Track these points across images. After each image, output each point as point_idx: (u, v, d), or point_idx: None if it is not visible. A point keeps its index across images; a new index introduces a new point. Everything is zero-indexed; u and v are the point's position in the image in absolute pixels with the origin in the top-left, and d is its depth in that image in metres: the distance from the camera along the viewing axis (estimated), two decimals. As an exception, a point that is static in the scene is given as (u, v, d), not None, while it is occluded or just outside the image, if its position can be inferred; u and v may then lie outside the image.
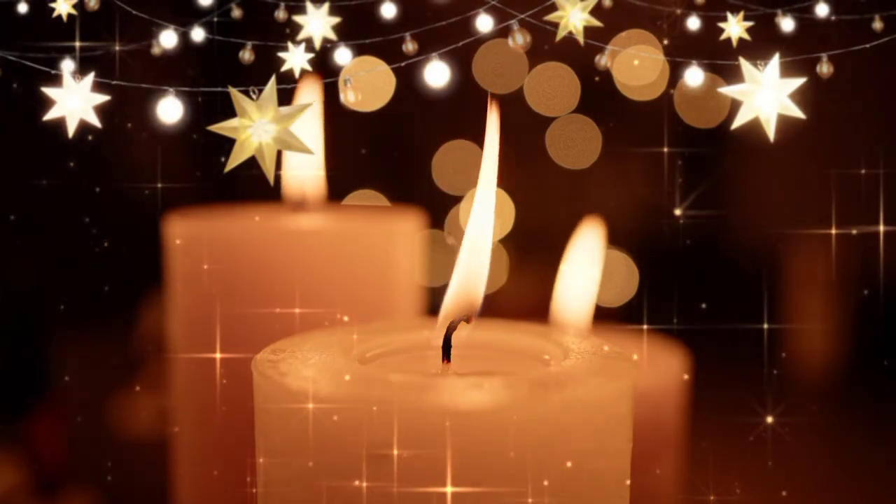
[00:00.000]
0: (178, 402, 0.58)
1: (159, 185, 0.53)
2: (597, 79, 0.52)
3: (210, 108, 0.46)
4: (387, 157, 1.08)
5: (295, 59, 0.47)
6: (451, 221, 1.02)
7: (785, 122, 0.46)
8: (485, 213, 0.40)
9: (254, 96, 0.43)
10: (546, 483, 0.34)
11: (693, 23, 0.50)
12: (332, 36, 0.49)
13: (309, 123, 0.59)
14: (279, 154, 0.43)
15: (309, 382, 0.34)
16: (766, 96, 0.45)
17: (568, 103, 1.03)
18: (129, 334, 0.91)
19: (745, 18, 0.48)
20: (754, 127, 0.46)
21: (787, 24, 0.49)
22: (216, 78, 0.46)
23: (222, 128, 0.43)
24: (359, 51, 0.50)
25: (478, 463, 0.33)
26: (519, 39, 0.45)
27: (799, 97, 0.45)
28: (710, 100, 0.50)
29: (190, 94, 0.47)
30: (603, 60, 0.45)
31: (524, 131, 1.12)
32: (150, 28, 0.49)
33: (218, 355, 0.54)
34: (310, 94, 0.56)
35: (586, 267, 0.55)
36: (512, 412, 0.33)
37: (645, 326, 0.60)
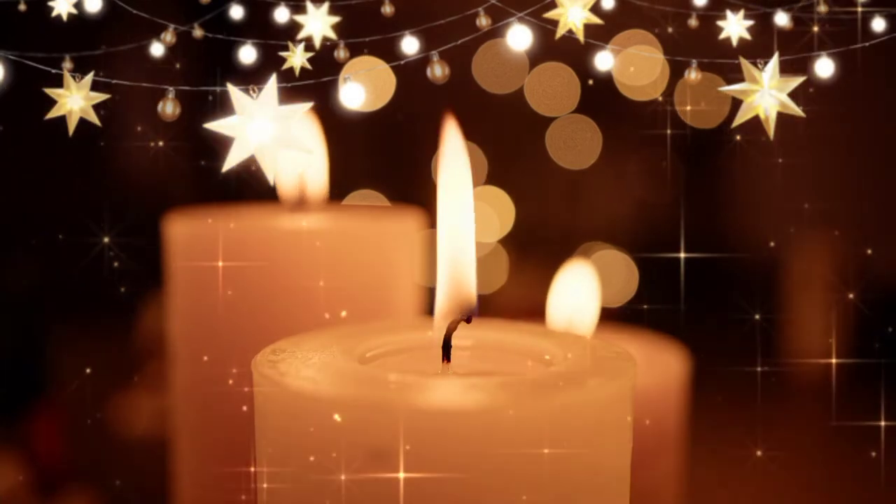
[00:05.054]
0: (178, 401, 0.58)
1: (163, 186, 0.53)
2: (591, 82, 0.51)
3: (210, 107, 0.46)
4: (387, 157, 1.08)
5: (295, 58, 0.47)
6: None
7: (785, 122, 0.46)
8: (462, 213, 0.40)
9: (253, 95, 0.43)
10: (545, 483, 0.34)
11: (693, 22, 0.49)
12: (331, 35, 0.49)
13: (307, 126, 0.59)
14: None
15: (309, 382, 0.34)
16: (766, 95, 0.45)
17: (568, 103, 1.03)
18: (129, 334, 0.91)
19: (745, 17, 0.48)
20: (754, 126, 0.46)
21: (786, 22, 0.49)
22: (216, 77, 0.46)
23: (221, 126, 0.43)
24: (359, 50, 0.50)
25: (478, 463, 0.33)
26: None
27: (799, 96, 0.45)
28: (710, 99, 0.50)
29: (190, 93, 0.47)
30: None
31: (524, 131, 1.12)
32: (150, 28, 0.49)
33: (218, 355, 0.54)
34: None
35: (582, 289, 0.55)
36: (511, 412, 0.33)
37: (645, 326, 0.60)
